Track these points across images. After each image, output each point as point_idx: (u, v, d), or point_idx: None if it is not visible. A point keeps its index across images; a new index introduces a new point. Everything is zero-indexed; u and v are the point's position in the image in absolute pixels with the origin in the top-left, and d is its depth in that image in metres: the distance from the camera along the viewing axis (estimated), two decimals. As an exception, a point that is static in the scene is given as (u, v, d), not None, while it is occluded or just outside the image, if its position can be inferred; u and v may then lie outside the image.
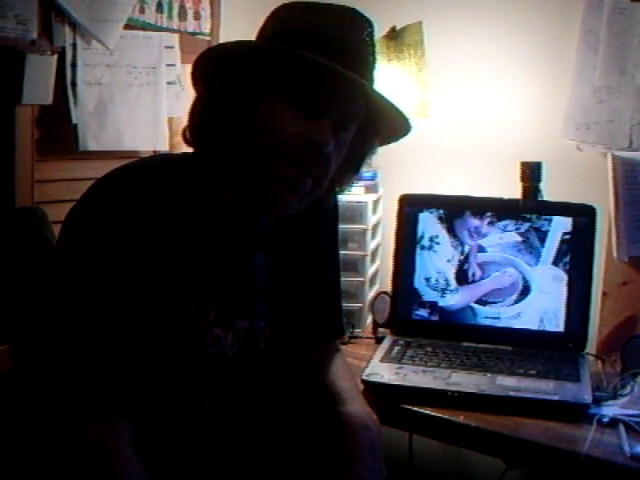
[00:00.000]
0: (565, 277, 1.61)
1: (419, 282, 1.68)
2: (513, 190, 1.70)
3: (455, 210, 1.67)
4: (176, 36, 1.78)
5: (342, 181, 1.20)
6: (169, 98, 1.76)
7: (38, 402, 1.06)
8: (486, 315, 1.65)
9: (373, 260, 1.90)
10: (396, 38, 1.83)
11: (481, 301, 1.65)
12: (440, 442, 1.69)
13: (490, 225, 1.66)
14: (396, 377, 1.43)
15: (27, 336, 1.16)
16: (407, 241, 1.69)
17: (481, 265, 1.66)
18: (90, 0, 1.59)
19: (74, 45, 1.59)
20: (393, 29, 1.84)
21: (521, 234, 1.64)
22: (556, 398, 1.35)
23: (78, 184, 1.11)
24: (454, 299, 1.66)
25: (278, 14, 1.14)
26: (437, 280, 1.67)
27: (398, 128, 1.18)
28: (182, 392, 1.13)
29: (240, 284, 1.18)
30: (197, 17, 1.85)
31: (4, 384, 1.23)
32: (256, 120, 1.08)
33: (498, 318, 1.64)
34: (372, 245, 1.87)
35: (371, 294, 1.86)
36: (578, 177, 1.76)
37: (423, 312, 1.67)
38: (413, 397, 1.39)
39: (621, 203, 1.65)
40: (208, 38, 1.87)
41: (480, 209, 1.66)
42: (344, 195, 1.79)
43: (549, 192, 1.70)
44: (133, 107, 1.71)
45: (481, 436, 1.32)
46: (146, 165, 1.15)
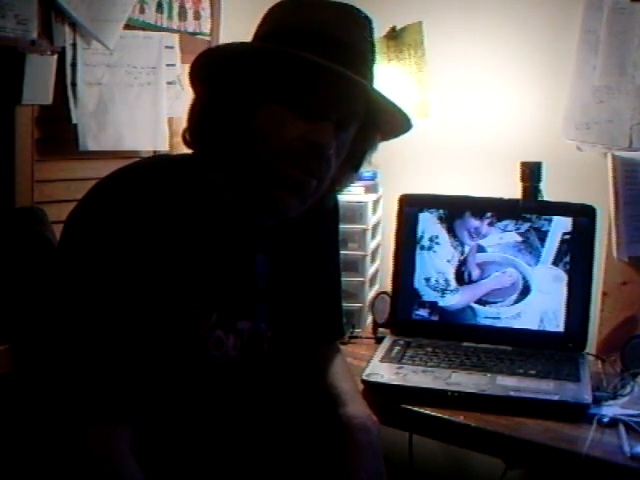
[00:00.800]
0: (565, 277, 1.61)
1: (419, 282, 1.68)
2: (513, 190, 1.70)
3: (455, 210, 1.67)
4: (176, 36, 1.78)
5: (342, 180, 1.20)
6: (169, 98, 1.76)
7: (38, 403, 1.06)
8: (486, 315, 1.65)
9: (373, 260, 1.90)
10: (396, 38, 1.83)
11: (481, 301, 1.65)
12: (440, 442, 1.69)
13: (490, 225, 1.66)
14: (396, 377, 1.43)
15: (27, 337, 1.16)
16: (407, 241, 1.69)
17: (481, 265, 1.66)
18: (90, 0, 1.59)
19: (74, 45, 1.59)
20: (393, 29, 1.84)
21: (521, 234, 1.64)
22: (556, 398, 1.35)
23: (78, 184, 1.11)
24: (454, 299, 1.66)
25: (275, 12, 1.13)
26: (437, 280, 1.67)
27: (398, 126, 1.18)
28: (185, 394, 1.13)
29: (241, 286, 1.17)
30: (197, 17, 1.85)
31: (4, 384, 1.23)
32: (256, 123, 1.07)
33: (498, 318, 1.64)
34: (372, 245, 1.87)
35: (371, 294, 1.86)
36: (578, 177, 1.76)
37: (423, 312, 1.67)
38: (413, 397, 1.39)
39: (621, 203, 1.65)
40: (208, 38, 1.87)
41: (480, 209, 1.66)
42: (344, 195, 1.81)
43: (549, 192, 1.70)
44: (133, 107, 1.71)
45: (481, 436, 1.32)
46: (146, 167, 1.14)
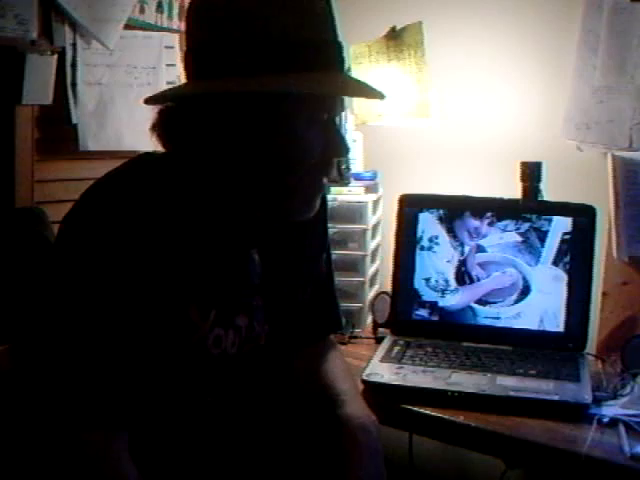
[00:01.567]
0: (565, 277, 1.61)
1: (419, 282, 1.68)
2: (513, 190, 1.70)
3: (455, 210, 1.67)
4: (176, 36, 1.79)
5: None
6: (169, 98, 1.76)
7: (36, 405, 1.06)
8: (486, 315, 1.65)
9: (373, 260, 1.90)
10: (396, 38, 1.83)
11: (481, 301, 1.65)
12: (440, 442, 1.69)
13: (490, 225, 1.66)
14: (396, 377, 1.43)
15: (25, 339, 1.16)
16: (407, 241, 1.69)
17: (481, 265, 1.66)
18: (90, 0, 1.59)
19: (74, 45, 1.59)
20: (393, 29, 1.84)
21: (521, 234, 1.64)
22: (556, 398, 1.35)
23: (78, 184, 1.11)
24: (454, 299, 1.66)
25: (220, 14, 1.04)
26: (437, 280, 1.67)
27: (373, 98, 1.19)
28: (185, 393, 1.13)
29: (237, 282, 1.17)
30: (197, 17, 1.85)
31: (4, 384, 1.23)
32: (270, 144, 1.06)
33: (498, 318, 1.64)
34: (372, 245, 1.87)
35: (371, 294, 1.86)
36: (578, 177, 1.76)
37: (423, 312, 1.67)
38: (413, 397, 1.39)
39: (621, 203, 1.65)
40: (208, 38, 1.86)
41: (480, 209, 1.66)
42: (344, 195, 1.81)
43: (549, 192, 1.70)
44: (133, 107, 1.71)
45: (481, 436, 1.32)
46: (137, 168, 1.13)
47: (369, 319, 1.83)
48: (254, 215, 1.15)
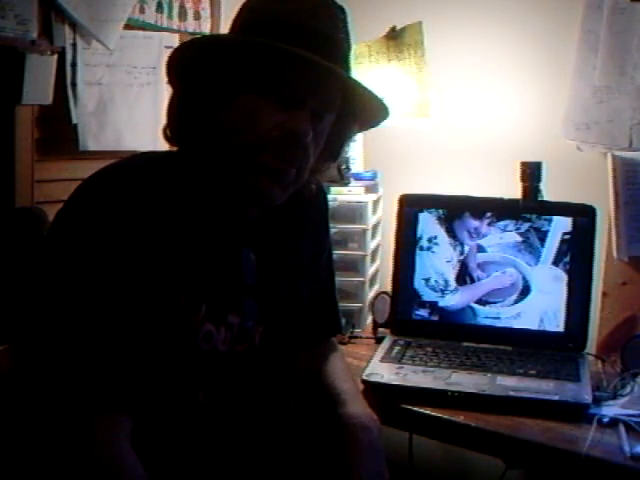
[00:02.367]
0: (565, 277, 1.61)
1: (419, 282, 1.68)
2: (513, 190, 1.70)
3: (455, 210, 1.67)
4: (176, 36, 1.79)
5: (321, 169, 1.21)
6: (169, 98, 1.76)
7: (36, 402, 1.06)
8: (486, 315, 1.65)
9: (373, 260, 1.90)
10: (396, 38, 1.83)
11: (481, 301, 1.65)
12: (440, 442, 1.69)
13: (490, 225, 1.66)
14: (396, 377, 1.43)
15: (24, 335, 1.16)
16: (407, 241, 1.69)
17: (481, 265, 1.66)
18: (90, 0, 1.59)
19: (74, 45, 1.59)
20: (393, 29, 1.84)
21: (521, 234, 1.64)
22: (556, 398, 1.35)
23: (78, 184, 1.11)
24: (454, 299, 1.66)
25: (250, 4, 1.13)
26: (437, 280, 1.67)
27: (377, 114, 1.19)
28: (176, 388, 1.12)
29: (229, 280, 1.17)
30: (197, 17, 1.85)
31: (3, 384, 1.23)
32: (234, 114, 1.09)
33: (498, 318, 1.64)
34: (372, 245, 1.87)
35: (371, 294, 1.86)
36: (578, 177, 1.76)
37: (423, 312, 1.67)
38: (413, 397, 1.39)
39: (621, 203, 1.65)
40: (208, 38, 1.87)
41: (480, 209, 1.66)
42: (344, 195, 1.81)
43: (549, 192, 1.70)
44: (133, 107, 1.71)
45: (481, 436, 1.32)
46: (131, 163, 1.15)
47: (369, 319, 1.83)
48: (232, 203, 1.15)
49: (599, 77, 1.70)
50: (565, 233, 1.62)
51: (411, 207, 1.69)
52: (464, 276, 1.66)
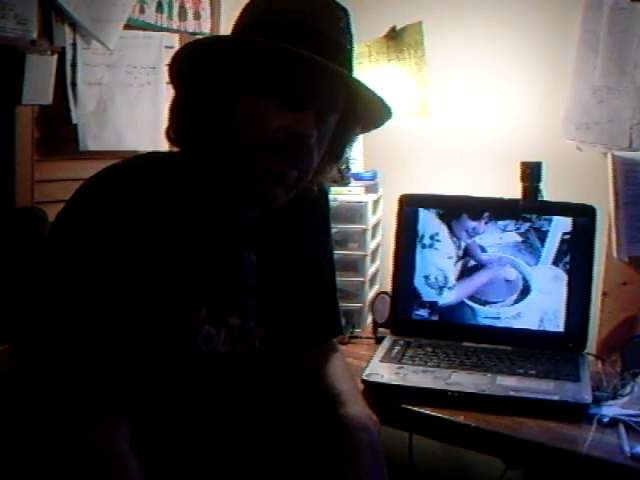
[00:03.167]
0: (565, 277, 1.61)
1: (419, 282, 1.68)
2: (513, 190, 1.70)
3: (455, 210, 1.67)
4: (176, 36, 1.79)
5: (324, 171, 1.21)
6: (169, 98, 1.75)
7: (35, 403, 1.06)
8: (486, 315, 1.65)
9: (373, 260, 1.90)
10: (396, 38, 1.83)
11: (481, 301, 1.65)
12: (440, 442, 1.69)
13: (490, 225, 1.66)
14: (396, 377, 1.43)
15: (25, 336, 1.16)
16: (407, 241, 1.69)
17: (480, 264, 1.66)
18: (90, 0, 1.59)
19: (74, 45, 1.59)
20: (393, 29, 1.84)
21: (521, 234, 1.64)
22: (556, 398, 1.35)
23: (78, 184, 1.11)
24: (451, 295, 1.66)
25: (253, 6, 1.13)
26: (436, 278, 1.67)
27: (379, 115, 1.19)
28: (176, 390, 1.13)
29: (230, 282, 1.17)
30: (197, 17, 1.85)
31: (3, 384, 1.23)
32: (238, 115, 1.08)
33: (498, 318, 1.64)
34: (372, 245, 1.87)
35: (371, 294, 1.86)
36: (578, 177, 1.76)
37: (423, 312, 1.67)
38: (413, 397, 1.39)
39: (621, 203, 1.65)
40: (208, 38, 1.87)
41: (480, 209, 1.66)
42: (344, 195, 1.81)
43: (549, 192, 1.70)
44: (133, 107, 1.71)
45: (481, 436, 1.32)
46: (134, 164, 1.15)
47: (369, 319, 1.83)
48: (234, 205, 1.15)
49: (599, 77, 1.70)
50: (565, 233, 1.62)
51: (411, 207, 1.69)
52: (462, 274, 1.66)
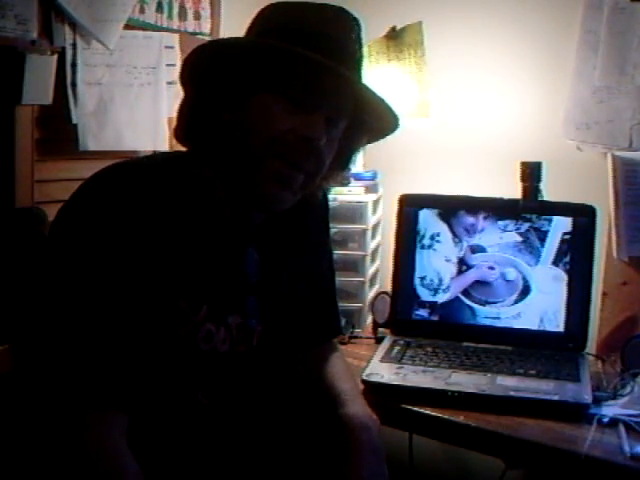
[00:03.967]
0: (565, 277, 1.61)
1: (419, 282, 1.68)
2: (513, 190, 1.70)
3: (455, 210, 1.67)
4: (176, 36, 1.79)
5: (330, 177, 1.22)
6: (169, 98, 1.76)
7: (35, 401, 1.06)
8: (486, 315, 1.65)
9: (373, 260, 1.90)
10: (396, 38, 1.83)
11: (481, 301, 1.65)
12: (440, 442, 1.69)
13: (490, 225, 1.66)
14: (396, 377, 1.44)
15: (23, 335, 1.16)
16: (407, 241, 1.69)
17: (480, 265, 1.66)
18: (90, 0, 1.59)
19: (74, 45, 1.59)
20: (393, 29, 1.84)
21: (521, 234, 1.64)
22: (556, 398, 1.35)
23: (78, 184, 1.11)
24: (450, 296, 1.66)
25: (266, 13, 1.14)
26: (436, 278, 1.67)
27: (387, 124, 1.20)
28: (175, 388, 1.13)
29: (231, 280, 1.17)
30: (197, 17, 1.85)
31: (4, 384, 1.23)
32: (247, 116, 1.09)
33: (498, 318, 1.64)
34: (372, 245, 1.87)
35: (371, 294, 1.86)
36: (578, 177, 1.76)
37: (423, 312, 1.67)
38: (413, 397, 1.39)
39: (621, 203, 1.65)
40: (208, 38, 1.86)
41: (480, 209, 1.66)
42: (344, 195, 1.81)
43: (549, 192, 1.70)
44: (133, 107, 1.71)
45: (481, 436, 1.32)
46: (137, 163, 1.16)
47: (369, 319, 1.83)
48: (240, 206, 1.15)
49: (599, 77, 1.70)
50: (565, 233, 1.62)
51: (411, 207, 1.69)
52: (463, 274, 1.66)
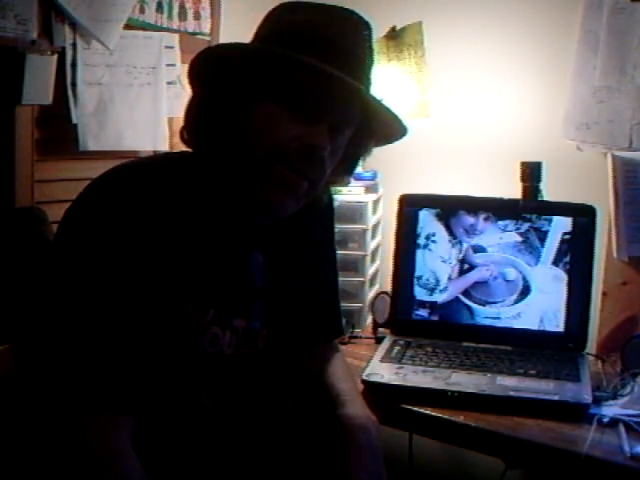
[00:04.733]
0: (565, 277, 1.61)
1: (419, 282, 1.68)
2: (513, 190, 1.70)
3: (455, 210, 1.67)
4: (176, 36, 1.79)
5: (335, 182, 1.22)
6: (169, 98, 1.76)
7: (38, 402, 1.06)
8: (486, 315, 1.65)
9: (373, 260, 1.90)
10: (396, 38, 1.83)
11: (481, 301, 1.65)
12: (440, 442, 1.69)
13: (490, 225, 1.66)
14: (396, 377, 1.43)
15: (26, 336, 1.16)
16: (407, 241, 1.69)
17: (479, 265, 1.66)
18: (90, 0, 1.59)
19: (74, 45, 1.59)
20: (393, 29, 1.84)
21: (521, 234, 1.64)
22: (556, 398, 1.35)
23: (78, 184, 1.11)
24: (450, 296, 1.66)
25: (275, 15, 1.14)
26: (436, 278, 1.67)
27: (393, 131, 1.20)
28: (180, 391, 1.13)
29: (238, 283, 1.18)
30: (197, 17, 1.85)
31: (4, 385, 1.23)
32: (253, 122, 1.09)
33: (498, 318, 1.64)
34: (372, 245, 1.87)
35: (371, 294, 1.86)
36: (578, 177, 1.76)
37: (423, 312, 1.67)
38: (413, 397, 1.39)
39: (621, 203, 1.65)
40: (208, 38, 1.87)
41: (480, 209, 1.66)
42: (344, 195, 1.81)
43: (549, 192, 1.70)
44: (133, 107, 1.71)
45: (481, 436, 1.32)
46: (143, 164, 1.15)
47: (369, 319, 1.83)
48: (245, 210, 1.15)
49: (599, 77, 1.70)
50: (565, 233, 1.62)
51: (411, 207, 1.69)
52: (463, 274, 1.66)
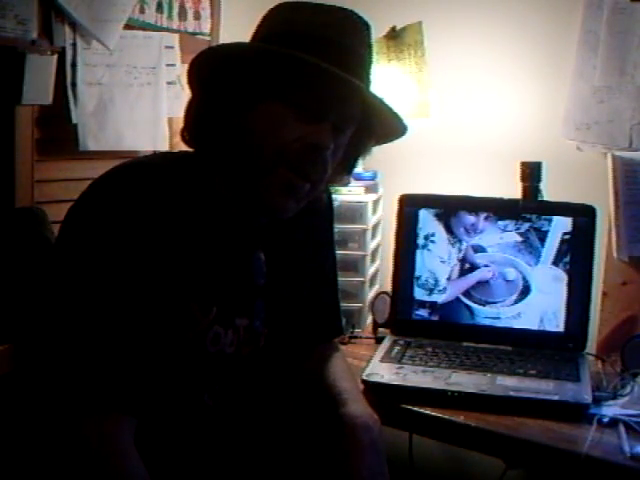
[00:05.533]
0: (565, 277, 1.61)
1: (419, 282, 1.68)
2: (513, 190, 1.70)
3: (455, 210, 1.67)
4: (176, 36, 1.79)
5: (334, 181, 1.22)
6: (169, 98, 1.76)
7: (39, 402, 1.06)
8: (486, 315, 1.65)
9: (373, 260, 1.90)
10: (396, 38, 1.83)
11: (481, 301, 1.65)
12: (440, 442, 1.69)
13: (490, 225, 1.66)
14: (396, 377, 1.44)
15: (28, 336, 1.16)
16: (407, 241, 1.69)
17: (479, 265, 1.66)
18: (90, 0, 1.59)
19: (74, 45, 1.59)
20: (393, 29, 1.84)
21: (521, 234, 1.64)
22: (556, 398, 1.35)
23: (78, 184, 1.11)
24: (450, 296, 1.66)
25: (275, 14, 1.14)
26: (436, 278, 1.67)
27: (393, 130, 1.20)
28: (182, 390, 1.13)
29: (240, 282, 1.18)
30: (197, 17, 1.85)
31: (4, 385, 1.23)
32: (256, 122, 1.09)
33: (498, 318, 1.64)
34: (372, 245, 1.87)
35: (371, 294, 1.86)
36: (578, 177, 1.76)
37: (423, 312, 1.67)
38: (413, 397, 1.39)
39: (621, 203, 1.65)
40: (208, 38, 1.87)
41: (480, 209, 1.66)
42: (344, 195, 1.81)
43: (549, 192, 1.70)
44: (133, 107, 1.71)
45: (481, 436, 1.32)
46: (145, 163, 1.15)
47: (369, 319, 1.83)
48: (247, 210, 1.15)
49: (599, 77, 1.70)
50: (565, 233, 1.62)
51: (411, 207, 1.69)
52: (463, 274, 1.66)
